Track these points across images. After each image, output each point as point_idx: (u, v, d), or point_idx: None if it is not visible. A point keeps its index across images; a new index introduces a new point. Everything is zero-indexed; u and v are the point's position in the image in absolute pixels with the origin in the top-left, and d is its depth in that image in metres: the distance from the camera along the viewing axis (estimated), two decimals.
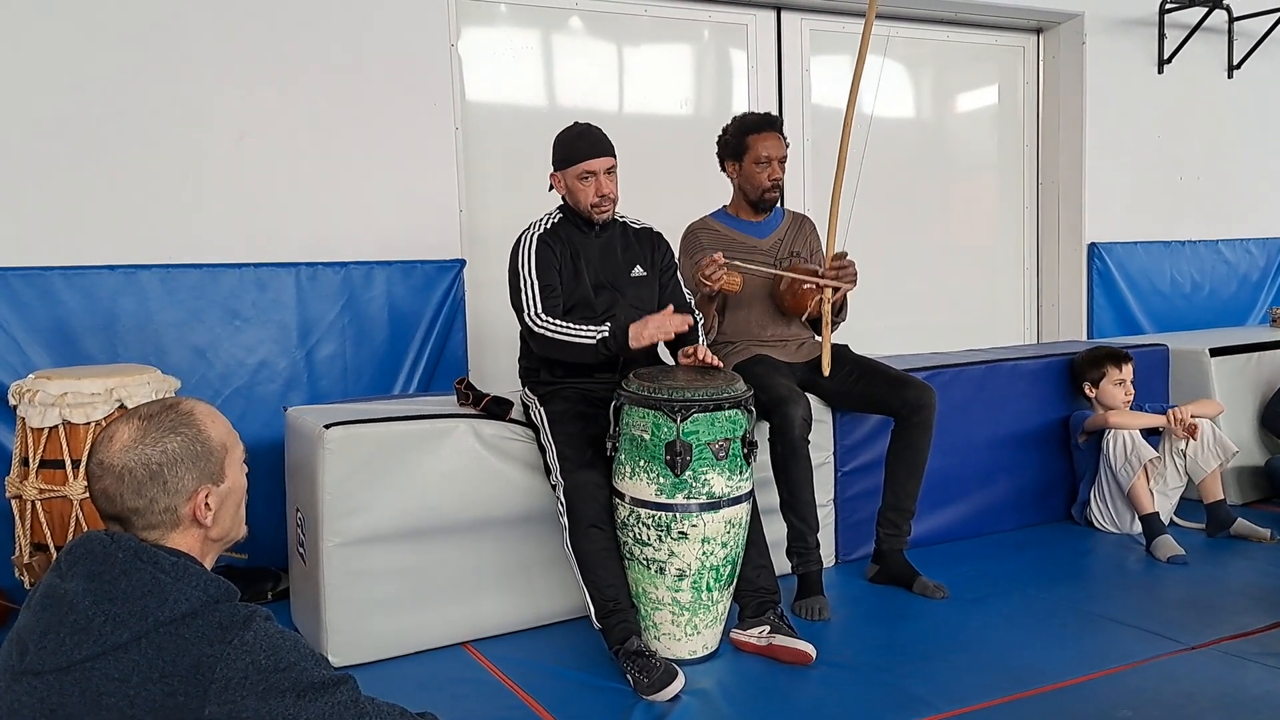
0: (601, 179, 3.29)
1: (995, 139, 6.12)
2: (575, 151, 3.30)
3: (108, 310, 3.80)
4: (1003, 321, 6.21)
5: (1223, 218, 6.49)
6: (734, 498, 3.04)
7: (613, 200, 3.34)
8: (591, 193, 3.29)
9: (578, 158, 3.29)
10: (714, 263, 3.41)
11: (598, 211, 3.32)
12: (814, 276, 3.63)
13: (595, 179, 3.29)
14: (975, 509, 4.35)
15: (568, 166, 3.31)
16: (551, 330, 3.21)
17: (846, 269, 3.64)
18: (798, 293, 3.66)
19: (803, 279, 3.63)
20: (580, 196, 3.31)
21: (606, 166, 3.31)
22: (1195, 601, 3.47)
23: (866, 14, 3.59)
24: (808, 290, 3.63)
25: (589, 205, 3.31)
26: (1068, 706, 2.72)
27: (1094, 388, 4.40)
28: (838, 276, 3.62)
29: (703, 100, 5.24)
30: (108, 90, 3.80)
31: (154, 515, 1.59)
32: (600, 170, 3.29)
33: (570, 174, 3.30)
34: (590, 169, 3.28)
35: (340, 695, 1.55)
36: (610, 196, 3.32)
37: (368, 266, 4.22)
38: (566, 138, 3.35)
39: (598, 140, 3.32)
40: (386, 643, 3.17)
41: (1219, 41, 6.30)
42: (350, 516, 3.11)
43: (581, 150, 3.30)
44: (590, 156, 3.29)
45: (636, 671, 2.87)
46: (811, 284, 3.62)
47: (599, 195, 3.29)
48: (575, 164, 3.29)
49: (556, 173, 3.35)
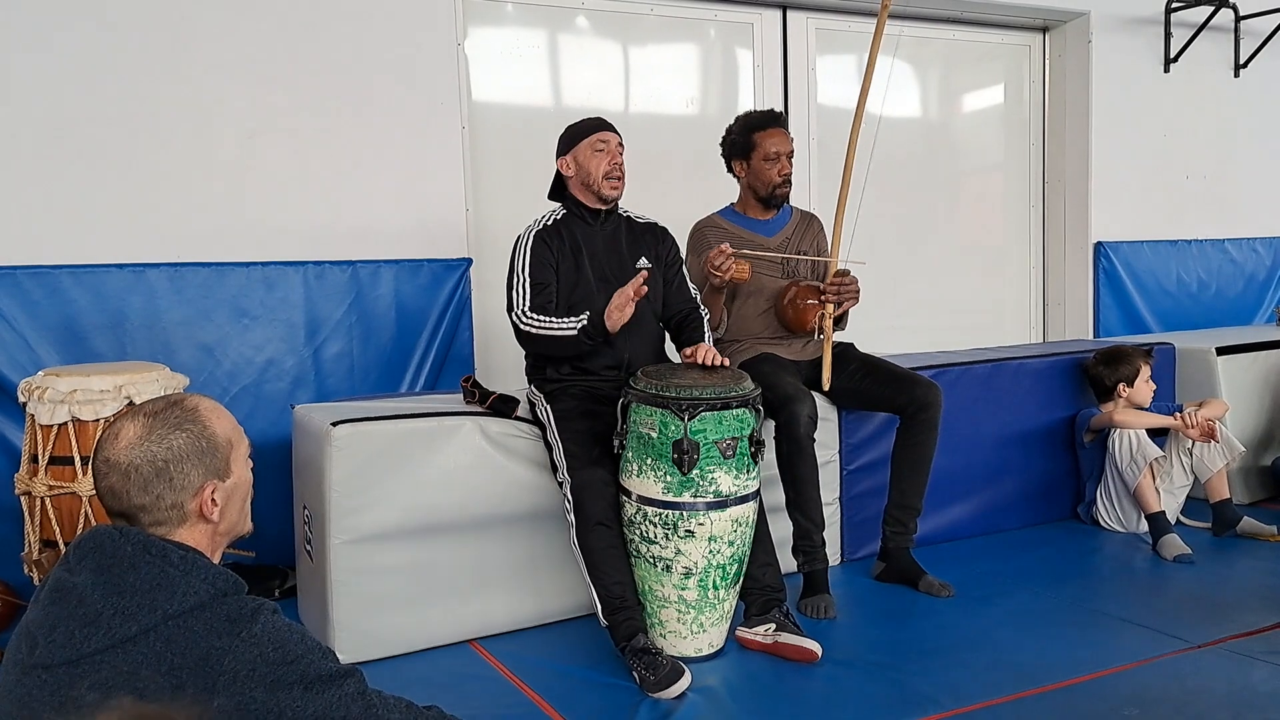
0: (614, 151, 3.34)
1: (1001, 138, 6.12)
2: (586, 126, 3.37)
3: (116, 308, 3.81)
4: (1009, 320, 6.21)
5: (1229, 217, 6.47)
6: (741, 496, 3.04)
7: (622, 178, 3.37)
8: (605, 161, 3.32)
9: (590, 130, 3.36)
10: (722, 253, 3.42)
11: (610, 185, 3.34)
12: (815, 293, 3.66)
13: (609, 150, 3.33)
14: (981, 507, 4.35)
15: (579, 141, 3.35)
16: (535, 326, 3.23)
17: (848, 286, 3.65)
18: (800, 308, 3.68)
19: (804, 295, 3.66)
20: (593, 167, 3.33)
21: (617, 141, 3.37)
22: (1201, 600, 3.47)
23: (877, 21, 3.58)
24: (810, 306, 3.66)
25: (601, 176, 3.32)
26: (1073, 705, 2.72)
27: (1129, 386, 4.37)
28: (839, 293, 3.64)
29: (708, 99, 5.24)
30: (116, 89, 3.81)
31: (160, 511, 1.60)
32: (613, 143, 3.34)
33: (583, 147, 3.34)
34: (604, 139, 3.34)
35: (347, 687, 1.56)
36: (622, 170, 3.36)
37: (375, 265, 4.23)
38: (575, 123, 3.42)
39: (605, 120, 3.41)
40: (393, 640, 3.18)
41: (1225, 40, 6.29)
42: (357, 514, 3.12)
43: (593, 124, 3.38)
44: (603, 129, 3.36)
45: (643, 669, 2.88)
46: (813, 301, 3.65)
47: (611, 164, 3.32)
48: (588, 135, 3.34)
49: (565, 155, 3.38)
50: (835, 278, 3.64)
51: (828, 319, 3.66)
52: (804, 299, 3.68)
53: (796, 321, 3.72)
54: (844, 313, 3.77)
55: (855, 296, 3.69)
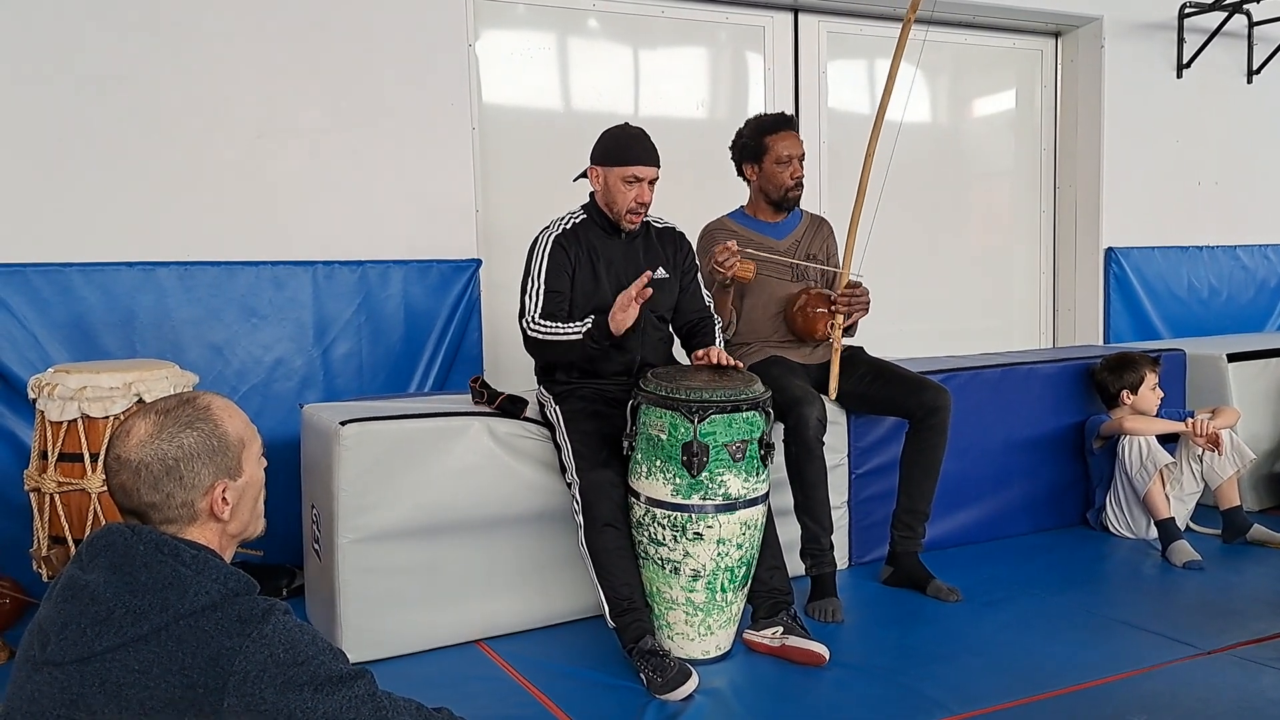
0: (644, 187, 3.25)
1: (1012, 143, 6.10)
2: (628, 153, 3.24)
3: (126, 307, 3.82)
4: (1019, 325, 6.19)
5: (1241, 223, 6.45)
6: (750, 499, 3.04)
7: (647, 207, 3.31)
8: (632, 198, 3.25)
9: (630, 160, 3.23)
10: (727, 249, 3.41)
11: (630, 219, 3.29)
12: (825, 301, 3.66)
13: (639, 186, 3.24)
14: (990, 512, 4.34)
15: (615, 165, 3.24)
16: (541, 333, 3.21)
17: (859, 298, 3.65)
18: (810, 316, 3.69)
19: (814, 304, 3.67)
20: (619, 198, 3.26)
21: (652, 177, 3.26)
22: (1211, 607, 3.46)
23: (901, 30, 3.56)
24: (819, 315, 3.67)
25: (624, 210, 3.27)
26: (1081, 710, 2.71)
27: (1133, 394, 4.36)
28: (849, 304, 3.63)
29: (719, 103, 5.24)
30: (127, 88, 3.82)
31: (171, 510, 1.60)
32: (646, 179, 3.25)
33: (616, 173, 3.24)
34: (639, 175, 3.23)
35: (357, 689, 1.56)
36: (648, 207, 3.30)
37: (384, 265, 4.23)
38: (621, 136, 3.29)
39: (651, 150, 3.27)
40: (400, 640, 3.18)
41: (1239, 46, 6.27)
42: (365, 513, 3.12)
43: (636, 154, 3.24)
44: (643, 163, 3.23)
45: (650, 671, 2.88)
46: (823, 310, 3.66)
47: (639, 203, 3.26)
48: (625, 165, 3.23)
49: (598, 167, 3.29)
50: (847, 289, 3.64)
51: (837, 329, 3.66)
52: (814, 307, 3.69)
53: (806, 329, 3.73)
54: (853, 323, 3.77)
55: (865, 308, 3.70)
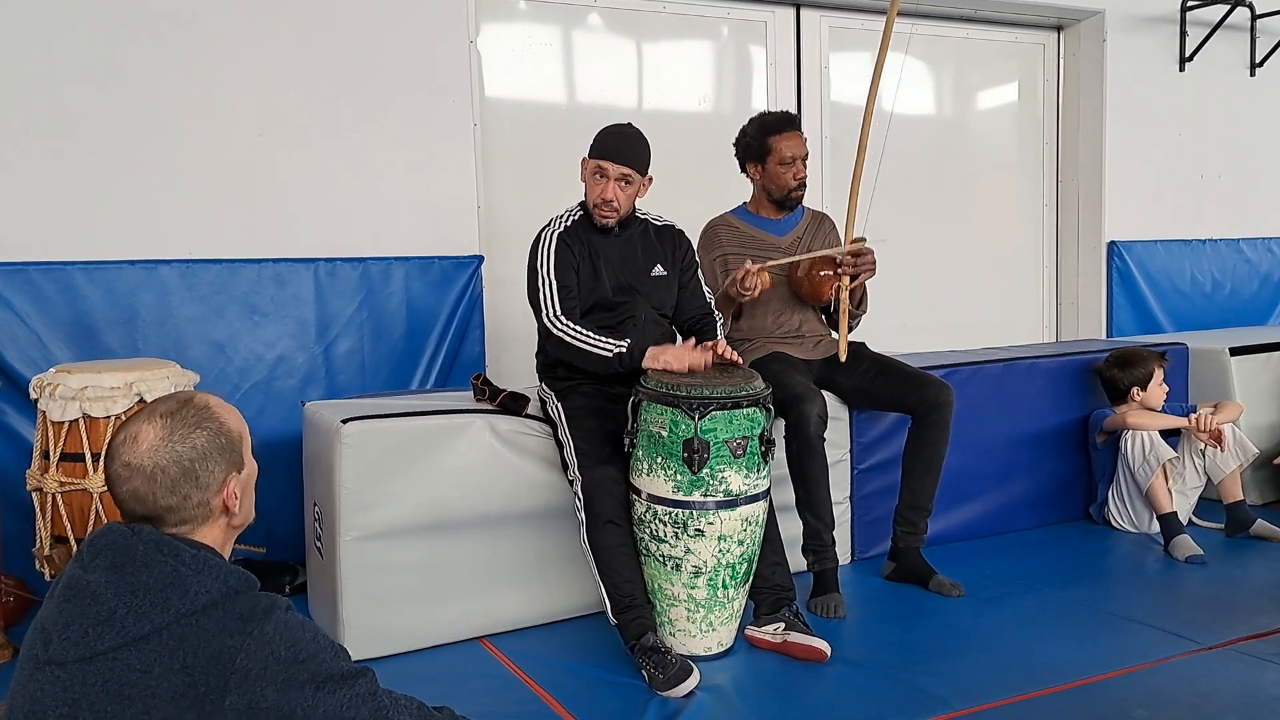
0: (610, 184, 3.22)
1: (1015, 137, 6.10)
2: (601, 146, 3.25)
3: (128, 305, 3.82)
4: (1021, 320, 6.19)
5: (1244, 216, 6.44)
6: (751, 495, 3.04)
7: (615, 210, 3.26)
8: (597, 193, 3.25)
9: (598, 152, 3.25)
10: (748, 273, 3.42)
11: (599, 213, 3.27)
12: (832, 264, 3.64)
13: (604, 182, 3.23)
14: (992, 507, 4.33)
15: (590, 157, 3.27)
16: (570, 335, 3.20)
17: (864, 256, 3.64)
18: (815, 280, 3.67)
19: (820, 266, 3.65)
20: (589, 191, 3.29)
21: (619, 174, 3.22)
22: (1213, 601, 3.46)
23: (888, 13, 3.57)
24: (825, 278, 3.65)
25: (591, 204, 3.28)
26: (1084, 706, 2.71)
27: (1143, 390, 4.35)
28: (855, 264, 3.63)
29: (721, 97, 5.24)
30: (128, 86, 3.82)
31: (188, 510, 1.61)
32: (612, 175, 3.22)
33: (589, 165, 3.27)
34: (602, 167, 3.23)
35: (359, 687, 1.56)
36: (613, 204, 3.25)
37: (386, 262, 4.23)
38: (607, 130, 3.29)
39: (627, 146, 3.25)
40: (402, 637, 3.19)
41: (1241, 39, 6.26)
42: (367, 511, 3.12)
43: (608, 148, 3.24)
44: (610, 158, 3.22)
45: (652, 667, 2.88)
46: (829, 272, 3.63)
47: (601, 198, 3.24)
48: (595, 158, 3.25)
49: (585, 158, 3.31)
50: (851, 246, 3.63)
51: (844, 290, 3.65)
52: (820, 269, 3.66)
53: (812, 293, 3.72)
54: (861, 287, 3.75)
55: (872, 269, 3.67)
